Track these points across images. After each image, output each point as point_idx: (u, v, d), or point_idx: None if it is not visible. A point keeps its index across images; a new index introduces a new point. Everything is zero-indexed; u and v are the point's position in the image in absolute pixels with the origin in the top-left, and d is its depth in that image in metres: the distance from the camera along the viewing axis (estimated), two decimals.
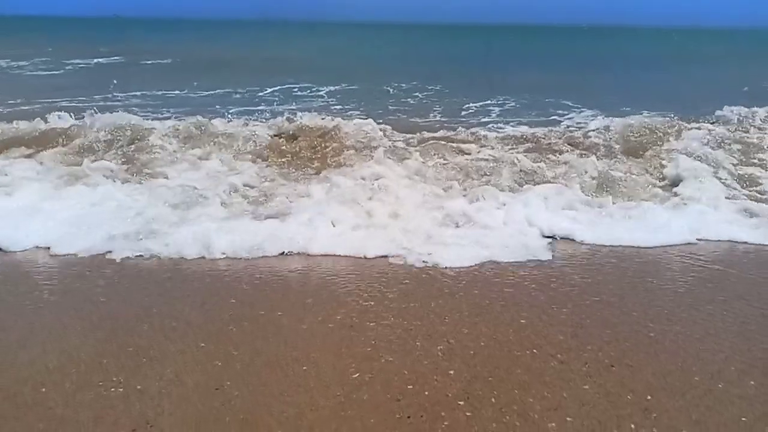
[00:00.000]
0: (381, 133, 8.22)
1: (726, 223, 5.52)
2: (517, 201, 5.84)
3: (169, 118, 9.65)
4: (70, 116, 8.56)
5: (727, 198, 6.18)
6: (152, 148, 7.42)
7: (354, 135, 7.92)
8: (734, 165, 7.24)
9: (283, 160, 7.45)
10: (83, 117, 8.36)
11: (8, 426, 2.62)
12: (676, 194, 6.24)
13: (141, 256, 4.65)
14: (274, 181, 6.66)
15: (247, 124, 8.63)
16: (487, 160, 7.18)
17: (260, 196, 6.11)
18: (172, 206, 5.60)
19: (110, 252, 4.68)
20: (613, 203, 5.96)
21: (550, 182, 6.49)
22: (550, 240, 5.05)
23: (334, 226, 5.20)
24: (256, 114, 11.17)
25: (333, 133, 8.00)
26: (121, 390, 2.88)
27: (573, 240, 5.13)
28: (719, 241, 5.16)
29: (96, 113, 8.46)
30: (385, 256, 4.69)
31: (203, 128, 8.15)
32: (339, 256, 4.72)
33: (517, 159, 7.12)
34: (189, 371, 3.05)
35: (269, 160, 7.39)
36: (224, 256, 4.67)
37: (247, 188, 6.33)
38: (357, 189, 6.07)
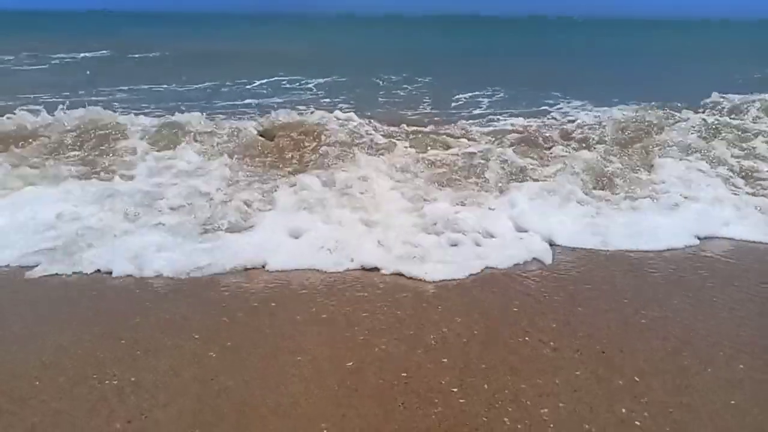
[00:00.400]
0: (365, 129, 7.90)
1: (726, 221, 5.30)
2: (507, 203, 5.51)
3: (149, 113, 9.31)
4: (45, 112, 8.00)
5: (724, 192, 6.02)
6: (119, 149, 6.98)
7: (335, 132, 7.55)
8: (734, 158, 7.09)
9: (257, 160, 6.97)
10: (53, 114, 7.86)
11: (4, 420, 2.62)
12: (672, 191, 5.92)
13: (58, 274, 4.13)
14: (243, 182, 6.13)
15: (225, 121, 8.21)
16: (474, 155, 6.84)
17: (223, 202, 5.47)
18: (122, 215, 5.06)
19: (33, 268, 4.19)
20: (607, 200, 5.72)
21: (541, 180, 6.16)
22: (542, 243, 4.70)
23: (296, 238, 4.69)
24: (241, 108, 11.11)
25: (313, 130, 7.63)
26: (115, 383, 2.88)
27: (566, 244, 4.79)
28: (720, 238, 5.03)
29: (66, 109, 7.94)
30: (361, 269, 4.30)
31: (178, 126, 7.68)
32: (305, 269, 4.26)
33: (507, 156, 6.84)
34: (185, 363, 3.07)
35: (243, 161, 6.89)
36: (157, 275, 4.14)
37: (212, 192, 5.72)
38: (333, 193, 5.64)
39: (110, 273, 4.16)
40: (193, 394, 2.80)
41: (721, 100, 10.00)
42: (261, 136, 7.71)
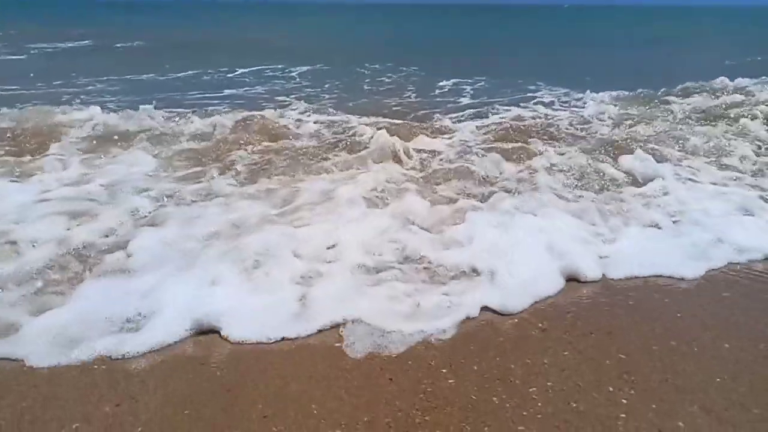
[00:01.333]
0: (332, 130, 7.30)
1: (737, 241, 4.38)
2: (491, 222, 4.53)
3: (114, 107, 9.12)
4: None
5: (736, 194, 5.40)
6: (40, 155, 6.10)
7: (290, 134, 6.94)
8: (730, 149, 6.82)
9: (191, 161, 6.16)
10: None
11: None
12: (673, 200, 5.22)
13: None
14: (150, 201, 4.97)
15: (171, 120, 7.57)
16: (453, 162, 6.19)
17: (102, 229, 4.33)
18: None
19: None
20: (605, 203, 5.09)
21: (524, 192, 5.34)
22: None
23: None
24: (216, 100, 11.01)
25: (268, 130, 7.03)
26: (104, 367, 2.87)
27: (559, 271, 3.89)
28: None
29: (18, 106, 7.42)
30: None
31: (123, 125, 7.04)
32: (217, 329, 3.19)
33: (488, 164, 6.12)
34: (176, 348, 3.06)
35: (170, 167, 5.95)
36: None
37: (99, 216, 4.57)
38: (259, 217, 4.55)
39: None
40: (183, 378, 2.79)
41: (709, 86, 10.07)
42: (214, 136, 6.97)
